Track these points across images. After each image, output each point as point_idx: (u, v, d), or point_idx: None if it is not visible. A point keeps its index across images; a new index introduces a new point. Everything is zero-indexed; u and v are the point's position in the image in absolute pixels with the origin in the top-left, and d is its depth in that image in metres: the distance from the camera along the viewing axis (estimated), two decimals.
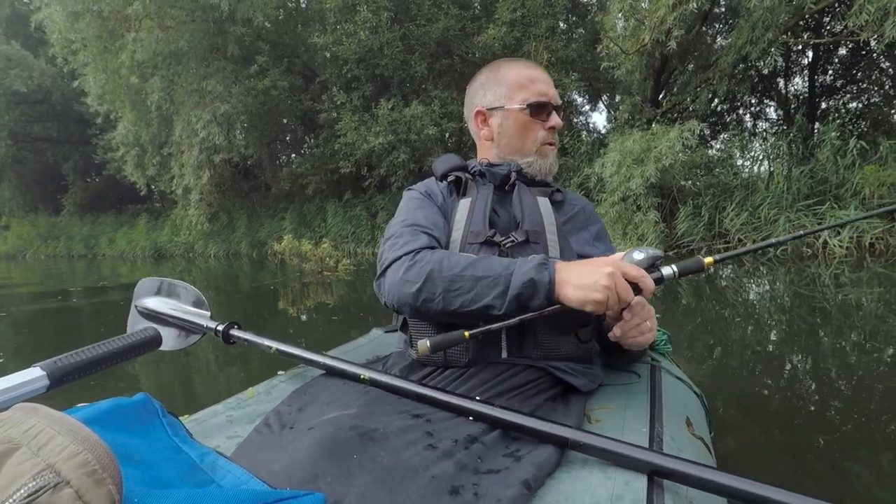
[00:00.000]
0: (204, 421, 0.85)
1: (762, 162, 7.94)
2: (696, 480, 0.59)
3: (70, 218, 22.68)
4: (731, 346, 2.95)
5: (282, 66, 11.81)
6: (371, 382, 0.85)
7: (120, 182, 17.92)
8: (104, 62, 12.39)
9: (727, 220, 6.72)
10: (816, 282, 4.61)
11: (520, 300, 0.81)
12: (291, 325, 4.15)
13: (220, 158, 12.18)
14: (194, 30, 11.05)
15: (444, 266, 0.86)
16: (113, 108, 13.69)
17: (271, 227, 13.77)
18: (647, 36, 7.20)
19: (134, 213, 20.55)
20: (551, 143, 1.06)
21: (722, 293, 4.53)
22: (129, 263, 14.71)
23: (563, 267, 0.81)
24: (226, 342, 1.08)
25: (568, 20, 11.97)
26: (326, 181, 12.84)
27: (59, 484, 0.33)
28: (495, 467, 0.64)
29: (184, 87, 11.86)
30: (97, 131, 17.28)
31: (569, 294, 0.78)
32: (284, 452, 0.64)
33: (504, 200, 1.05)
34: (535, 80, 1.05)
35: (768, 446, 1.75)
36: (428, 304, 0.86)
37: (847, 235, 5.74)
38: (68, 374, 0.78)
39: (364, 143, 10.26)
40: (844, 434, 1.82)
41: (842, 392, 2.19)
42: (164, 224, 17.59)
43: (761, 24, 6.53)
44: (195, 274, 10.20)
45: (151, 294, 1.24)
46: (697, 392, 1.14)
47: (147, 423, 0.63)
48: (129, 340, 0.91)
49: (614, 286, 0.76)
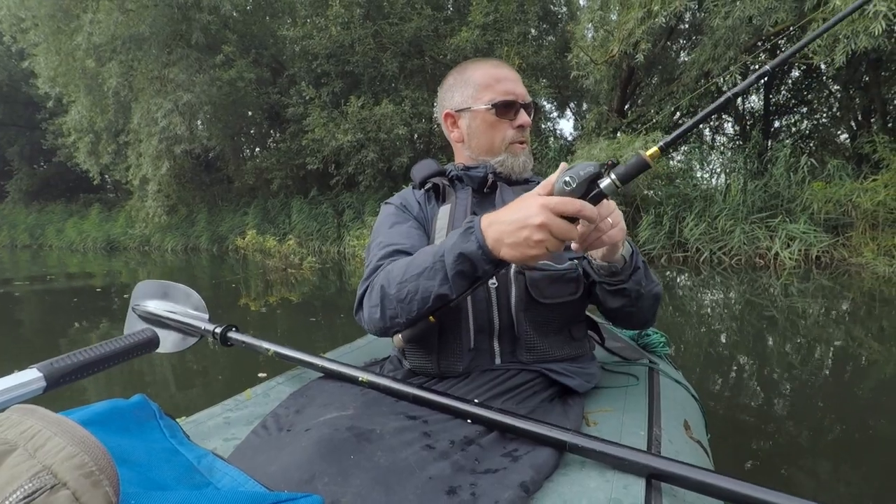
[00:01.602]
0: (201, 423, 0.85)
1: (720, 175, 8.27)
2: (695, 483, 0.59)
3: (14, 206, 21.41)
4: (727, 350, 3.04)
5: (249, 57, 11.50)
6: (369, 385, 0.85)
7: (71, 170, 17.03)
8: (57, 43, 11.74)
9: (686, 230, 6.96)
10: (792, 291, 4.82)
11: (464, 277, 0.77)
12: (254, 325, 4.05)
13: (181, 149, 11.74)
14: (157, 14, 10.60)
15: (391, 278, 0.85)
16: (66, 92, 12.99)
17: (233, 222, 13.40)
18: (615, 47, 7.39)
19: (86, 202, 19.59)
20: (521, 141, 1.05)
21: (709, 300, 4.69)
22: (79, 255, 14.01)
23: (491, 223, 0.74)
24: (223, 345, 1.08)
25: (539, 27, 12.14)
26: (292, 177, 12.57)
27: (56, 485, 0.33)
28: (493, 467, 0.64)
29: (144, 74, 11.38)
30: (47, 115, 16.42)
31: (506, 254, 0.72)
32: (282, 454, 0.64)
33: (485, 203, 1.04)
34: (500, 79, 1.03)
35: (765, 449, 1.79)
36: (396, 321, 0.85)
37: (797, 248, 6.04)
38: (65, 376, 0.78)
39: (332, 140, 10.10)
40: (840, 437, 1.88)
41: (837, 395, 2.26)
42: (119, 215, 16.84)
43: (723, 42, 6.80)
44: (150, 268, 9.82)
45: (149, 296, 1.25)
46: (695, 395, 1.16)
47: (144, 424, 0.63)
48: (127, 342, 0.91)
49: (549, 235, 0.68)
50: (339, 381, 0.91)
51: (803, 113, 11.01)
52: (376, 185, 10.81)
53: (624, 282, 0.88)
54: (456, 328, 0.91)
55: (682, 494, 0.62)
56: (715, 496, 0.59)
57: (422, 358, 0.95)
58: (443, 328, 0.91)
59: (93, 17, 10.61)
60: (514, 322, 0.91)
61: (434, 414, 0.76)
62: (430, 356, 0.93)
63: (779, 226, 6.30)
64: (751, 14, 6.12)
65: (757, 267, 6.24)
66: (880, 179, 6.04)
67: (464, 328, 0.91)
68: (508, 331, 0.91)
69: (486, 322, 0.91)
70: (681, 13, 7.56)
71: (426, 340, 0.93)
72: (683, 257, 7.06)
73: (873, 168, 6.61)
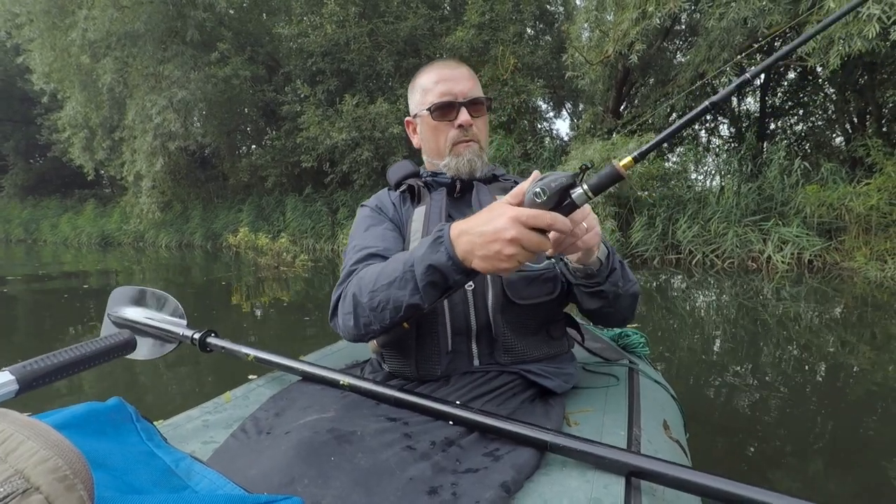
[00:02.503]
0: (179, 426, 0.85)
1: (714, 177, 8.26)
2: (673, 480, 0.60)
3: (9, 200, 21.42)
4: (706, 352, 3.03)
5: (244, 54, 11.47)
6: (350, 388, 0.85)
7: (66, 165, 16.96)
8: (52, 39, 11.70)
9: (679, 232, 6.95)
10: (776, 295, 4.81)
11: (435, 287, 0.76)
12: (245, 321, 4.02)
13: (176, 146, 11.71)
14: (152, 11, 10.58)
15: (362, 286, 0.84)
16: (61, 88, 12.97)
17: (227, 219, 13.37)
18: (610, 48, 7.37)
19: (81, 198, 19.57)
20: (465, 140, 1.02)
21: (698, 303, 4.68)
22: (74, 251, 13.98)
23: (462, 233, 0.71)
24: (202, 350, 1.07)
25: (535, 27, 12.12)
26: (287, 174, 12.55)
27: (29, 490, 0.33)
28: (474, 467, 0.64)
29: (139, 70, 11.34)
30: (42, 111, 16.37)
31: (478, 266, 0.70)
32: (261, 457, 0.64)
33: (460, 204, 1.04)
34: (439, 80, 1.02)
35: (740, 447, 1.81)
36: (370, 328, 0.84)
37: (789, 251, 6.03)
38: (38, 379, 0.77)
39: (327, 139, 10.08)
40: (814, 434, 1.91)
41: (818, 396, 2.28)
42: (113, 211, 16.82)
43: (718, 43, 6.78)
44: (144, 264, 9.79)
45: (126, 303, 1.23)
46: (674, 395, 1.16)
47: (120, 427, 0.62)
48: (102, 344, 0.89)
49: (521, 248, 0.66)
50: (321, 384, 0.90)
51: (799, 115, 11.00)
52: (371, 183, 10.79)
53: (600, 284, 0.87)
54: (433, 331, 0.90)
55: (661, 492, 0.63)
56: (693, 492, 0.59)
57: (400, 361, 0.94)
58: (420, 331, 0.91)
59: (87, 13, 10.57)
60: (492, 323, 0.90)
61: (415, 416, 0.75)
62: (409, 360, 0.92)
63: (772, 229, 6.29)
64: (745, 15, 6.10)
65: (749, 270, 6.23)
66: (873, 183, 6.03)
67: (441, 331, 0.90)
68: (486, 332, 0.91)
69: (463, 324, 0.91)
70: (676, 14, 7.55)
71: (404, 344, 0.92)
72: (676, 259, 7.05)
73: (867, 172, 6.60)
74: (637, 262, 7.18)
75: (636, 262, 7.17)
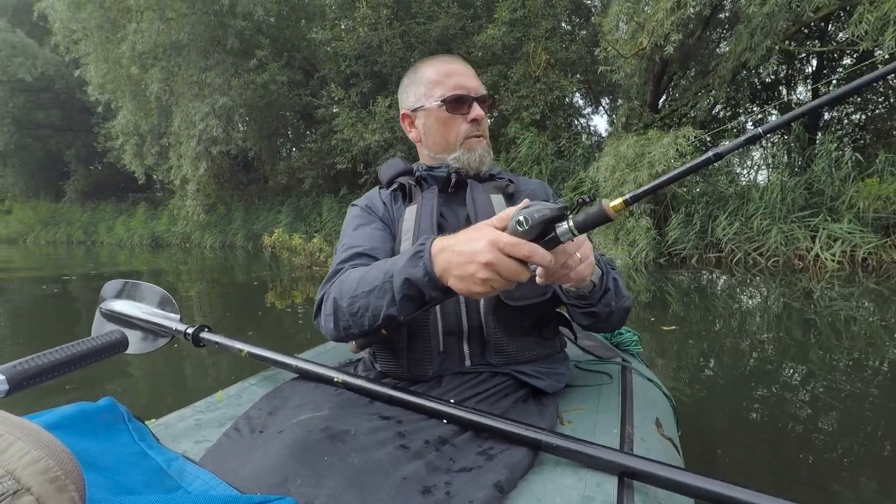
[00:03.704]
0: (171, 425, 0.85)
1: (760, 171, 7.86)
2: (666, 481, 0.60)
3: (71, 205, 22.78)
4: (704, 351, 2.94)
5: (282, 60, 11.77)
6: (345, 385, 0.85)
7: (120, 171, 17.93)
8: (105, 52, 12.40)
9: (719, 229, 6.64)
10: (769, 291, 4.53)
11: (412, 301, 0.75)
12: (269, 317, 4.12)
13: (218, 150, 12.16)
14: (195, 22, 11.04)
15: (343, 290, 0.84)
16: (114, 98, 13.73)
17: (267, 220, 13.76)
18: (645, 40, 7.11)
19: (133, 201, 20.61)
20: (477, 135, 1.02)
21: (705, 300, 4.46)
22: (127, 251, 14.76)
23: (442, 249, 0.70)
24: (195, 345, 1.06)
25: (571, 21, 11.87)
26: (323, 176, 12.81)
27: (19, 491, 0.32)
28: (468, 466, 0.64)
29: (183, 79, 11.84)
30: (99, 120, 17.36)
31: (453, 285, 0.69)
32: (254, 456, 0.63)
33: (452, 202, 1.03)
34: (450, 73, 1.01)
35: (734, 446, 1.78)
36: (350, 332, 0.85)
37: (839, 249, 5.65)
38: (29, 378, 0.77)
39: (361, 140, 10.21)
40: (809, 435, 1.85)
41: (805, 394, 2.21)
42: (162, 213, 17.63)
43: (760, 30, 6.43)
44: (191, 264, 10.21)
45: (117, 296, 1.22)
46: (667, 393, 1.16)
47: (112, 427, 0.62)
48: (94, 343, 0.89)
49: (496, 275, 0.64)
50: (314, 381, 0.90)
51: (857, 103, 10.31)
52: None
53: (592, 305, 0.86)
54: (424, 331, 0.90)
55: (653, 492, 0.63)
56: (685, 493, 0.59)
57: (392, 361, 0.94)
58: (411, 332, 0.90)
59: (136, 26, 11.14)
60: (483, 324, 0.90)
61: (408, 414, 0.75)
62: (400, 360, 0.92)
63: (820, 225, 5.91)
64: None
65: (796, 269, 5.88)
66: None
67: (432, 332, 0.90)
68: (477, 333, 0.91)
69: (454, 325, 0.91)
70: (715, 2, 7.22)
71: (395, 344, 0.92)
72: (716, 258, 6.74)
73: None
74: (675, 261, 6.91)
75: (674, 261, 6.91)
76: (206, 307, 5.10)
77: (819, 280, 5.13)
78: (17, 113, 19.70)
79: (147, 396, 2.47)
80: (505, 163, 9.21)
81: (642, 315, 3.95)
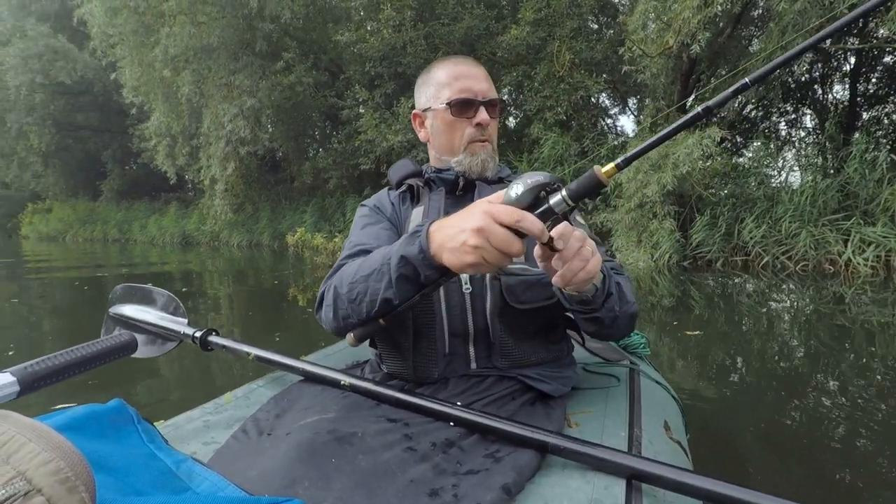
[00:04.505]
0: (180, 427, 0.85)
1: (791, 172, 7.62)
2: (674, 484, 0.59)
3: (107, 203, 23.63)
4: (727, 356, 2.89)
5: (308, 62, 11.96)
6: (351, 388, 0.85)
7: (153, 171, 18.52)
8: (139, 56, 12.85)
9: (745, 232, 6.46)
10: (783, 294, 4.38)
11: (408, 281, 0.75)
12: (288, 314, 4.20)
13: (246, 151, 12.43)
14: (224, 25, 11.31)
15: (343, 278, 0.85)
16: (147, 100, 14.21)
17: (293, 220, 13.99)
18: (671, 39, 6.97)
19: (165, 200, 21.27)
20: (482, 139, 1.02)
21: (731, 304, 4.36)
22: (159, 249, 15.23)
23: (439, 228, 0.71)
24: (203, 349, 1.07)
25: (598, 20, 11.72)
26: (347, 176, 12.94)
27: (31, 492, 0.33)
28: (475, 469, 0.64)
29: (213, 81, 12.15)
30: (134, 121, 17.94)
31: (447, 260, 0.69)
32: (262, 459, 0.64)
33: (459, 204, 1.01)
34: (459, 76, 1.01)
35: (743, 449, 1.76)
36: (348, 321, 0.84)
37: (872, 253, 5.44)
38: (39, 380, 0.77)
39: (384, 141, 10.28)
40: (819, 439, 1.82)
41: (831, 401, 2.16)
42: (192, 212, 18.14)
43: (791, 28, 6.23)
44: (219, 263, 10.46)
45: (126, 301, 1.22)
46: (675, 396, 1.15)
47: (122, 429, 0.63)
48: (103, 345, 0.90)
49: (486, 242, 0.64)
50: (322, 384, 0.90)
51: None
52: None
53: (596, 310, 0.83)
54: (430, 333, 0.90)
55: (661, 495, 0.62)
56: (694, 496, 0.59)
57: (397, 363, 0.94)
58: (417, 333, 0.90)
59: (169, 30, 11.49)
60: (490, 327, 0.90)
61: (415, 417, 0.75)
62: (406, 361, 0.92)
63: (852, 228, 5.69)
64: None
65: (826, 274, 5.68)
66: None
67: (438, 333, 0.90)
68: (483, 336, 0.90)
69: (460, 327, 0.90)
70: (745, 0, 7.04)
71: (401, 345, 0.92)
72: (743, 261, 6.56)
73: None
74: (699, 264, 6.76)
75: (698, 264, 6.76)
76: (228, 304, 5.23)
77: (850, 285, 4.95)
78: (57, 115, 20.55)
79: (155, 398, 2.49)
80: (528, 164, 9.15)
81: (664, 318, 3.88)
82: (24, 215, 27.34)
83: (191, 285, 6.70)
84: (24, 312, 4.75)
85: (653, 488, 0.62)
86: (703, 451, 1.55)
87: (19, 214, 27.92)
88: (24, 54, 17.62)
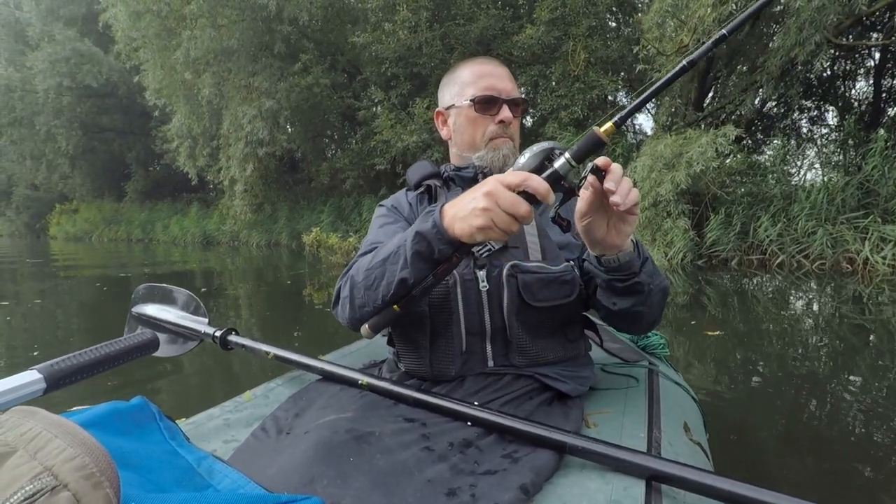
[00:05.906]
0: (201, 425, 0.86)
1: (809, 170, 7.50)
2: (694, 485, 0.59)
3: (131, 204, 24.09)
4: (745, 355, 2.90)
5: (325, 63, 12.11)
6: (369, 388, 0.85)
7: (175, 172, 18.86)
8: (162, 59, 13.13)
9: (761, 231, 6.39)
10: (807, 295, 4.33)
11: (422, 258, 0.77)
12: (300, 312, 4.30)
13: (265, 152, 12.61)
14: (244, 28, 11.51)
15: (361, 266, 0.87)
16: (169, 102, 14.49)
17: (310, 220, 14.15)
18: (686, 37, 6.93)
19: (187, 201, 21.55)
20: (503, 136, 1.03)
21: (747, 303, 4.33)
22: (181, 249, 15.54)
23: (452, 204, 0.74)
24: (223, 348, 1.09)
25: (617, 19, 11.65)
26: (364, 177, 13.07)
27: (57, 487, 0.33)
28: (492, 469, 0.64)
29: (233, 83, 12.38)
30: (156, 123, 18.30)
31: (458, 230, 0.71)
32: (281, 457, 0.65)
33: None
34: (484, 75, 1.03)
35: (763, 450, 1.75)
36: (364, 310, 0.86)
37: (891, 252, 5.35)
38: (65, 377, 0.78)
39: (399, 141, 10.38)
40: (840, 439, 1.81)
41: (837, 398, 2.17)
42: (213, 213, 18.41)
43: (809, 24, 6.15)
44: (238, 262, 10.67)
45: (148, 300, 1.24)
46: (694, 397, 1.14)
47: (144, 426, 0.64)
48: (126, 344, 0.92)
49: (495, 204, 0.66)
50: (339, 383, 0.91)
51: None
52: None
53: (636, 274, 0.82)
54: (447, 331, 0.91)
55: (682, 496, 0.62)
56: (715, 497, 0.58)
57: (415, 360, 0.95)
58: (434, 330, 0.92)
59: (190, 33, 11.72)
60: (507, 325, 0.90)
61: (432, 416, 0.75)
62: (423, 359, 0.93)
63: (870, 227, 5.60)
64: None
65: (843, 272, 5.60)
66: None
67: (455, 331, 0.91)
68: (500, 334, 0.91)
69: (477, 325, 0.91)
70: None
71: (418, 343, 0.94)
72: (759, 260, 6.49)
73: None
74: (714, 263, 6.71)
75: (713, 263, 6.71)
76: (247, 302, 5.36)
77: (868, 284, 4.88)
78: (84, 118, 21.02)
79: (176, 396, 2.54)
80: None
81: (680, 316, 3.89)
82: (51, 216, 28.00)
83: (211, 285, 6.86)
84: (51, 308, 4.95)
85: (673, 489, 0.62)
86: (723, 452, 1.57)
87: (48, 215, 28.64)
88: (52, 58, 18.04)
